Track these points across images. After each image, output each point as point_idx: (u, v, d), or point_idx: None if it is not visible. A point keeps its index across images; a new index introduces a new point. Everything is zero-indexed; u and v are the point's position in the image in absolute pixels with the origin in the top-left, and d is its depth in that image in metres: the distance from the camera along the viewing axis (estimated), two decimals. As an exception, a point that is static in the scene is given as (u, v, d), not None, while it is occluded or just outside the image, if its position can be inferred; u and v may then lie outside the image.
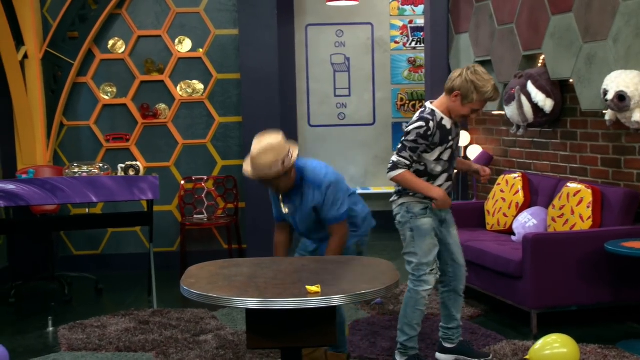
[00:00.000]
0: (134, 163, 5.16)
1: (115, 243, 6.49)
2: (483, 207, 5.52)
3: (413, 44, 7.99)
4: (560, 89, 5.08)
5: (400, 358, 3.77)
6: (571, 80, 4.85)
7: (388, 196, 7.83)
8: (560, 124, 5.20)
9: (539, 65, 5.25)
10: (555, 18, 4.93)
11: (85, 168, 5.19)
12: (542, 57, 5.18)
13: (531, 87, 5.03)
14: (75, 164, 5.26)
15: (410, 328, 3.73)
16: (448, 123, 3.69)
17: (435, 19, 6.36)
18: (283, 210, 3.61)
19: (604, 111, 4.44)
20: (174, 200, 6.46)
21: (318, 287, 2.80)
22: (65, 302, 5.46)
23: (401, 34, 7.99)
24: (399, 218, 3.77)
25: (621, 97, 4.13)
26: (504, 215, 5.26)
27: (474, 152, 6.19)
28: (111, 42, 6.37)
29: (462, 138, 6.10)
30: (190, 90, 6.44)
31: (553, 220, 4.76)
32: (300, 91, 7.95)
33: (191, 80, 6.44)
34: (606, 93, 4.23)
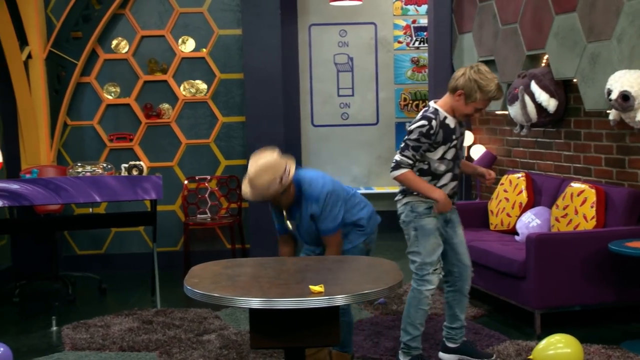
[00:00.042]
0: (138, 163, 5.17)
1: (118, 243, 6.50)
2: (486, 207, 5.52)
3: (416, 44, 7.98)
4: (563, 89, 5.07)
5: (403, 358, 3.77)
6: (575, 80, 4.84)
7: (391, 196, 7.85)
8: (563, 124, 5.19)
9: (543, 65, 5.24)
10: (559, 18, 4.93)
11: (88, 168, 5.19)
12: (546, 57, 5.17)
13: (535, 87, 5.03)
14: (78, 164, 5.27)
15: (413, 328, 3.73)
16: (452, 122, 3.68)
17: (438, 19, 6.35)
18: (288, 226, 3.63)
19: (608, 111, 4.43)
20: (178, 200, 6.47)
21: (321, 287, 2.80)
22: (68, 302, 5.47)
23: (404, 34, 7.98)
24: (403, 217, 3.76)
25: (625, 97, 4.12)
26: (508, 215, 5.25)
27: (478, 152, 6.18)
28: (115, 42, 6.38)
29: (466, 138, 6.09)
30: (193, 90, 6.45)
31: (557, 220, 4.75)
32: (303, 91, 7.95)
33: (194, 80, 6.45)
34: (610, 93, 4.22)
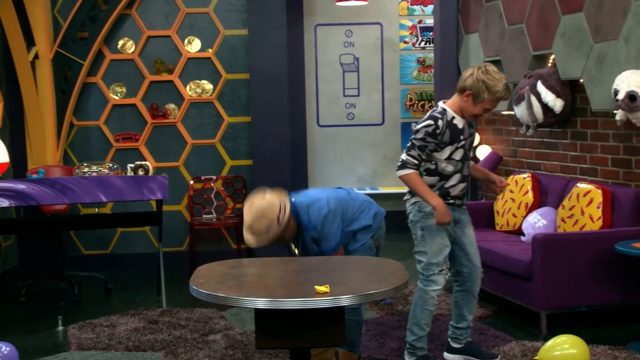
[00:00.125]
0: (144, 163, 5.18)
1: (124, 243, 6.52)
2: (492, 208, 5.50)
3: (422, 44, 7.97)
4: (570, 89, 5.05)
5: (409, 358, 3.76)
6: (581, 80, 4.83)
7: (397, 196, 7.88)
8: (570, 124, 5.18)
9: (549, 65, 5.23)
10: (565, 18, 4.91)
11: (94, 168, 5.20)
12: (552, 57, 5.15)
13: (541, 87, 5.01)
14: (85, 164, 5.28)
15: (419, 328, 3.73)
16: (460, 122, 3.67)
17: (444, 19, 6.34)
18: (295, 252, 3.66)
19: (615, 111, 4.42)
20: (183, 200, 6.48)
21: (327, 287, 2.80)
22: (74, 302, 5.49)
23: (410, 34, 7.97)
24: (411, 217, 3.75)
25: (632, 97, 4.11)
26: (513, 215, 5.24)
27: (483, 153, 6.17)
28: (121, 43, 6.39)
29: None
30: (199, 90, 6.46)
31: (563, 220, 4.74)
32: (309, 91, 7.94)
33: (200, 80, 6.46)
34: (617, 93, 4.21)
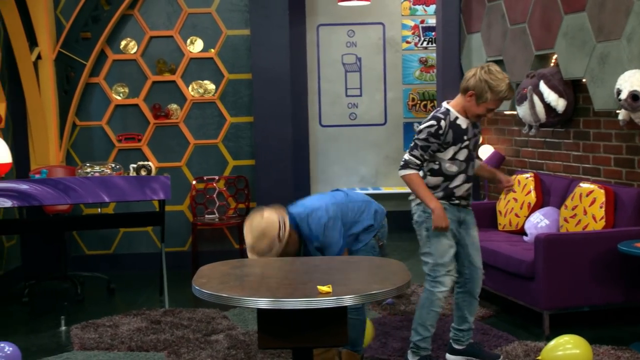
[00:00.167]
0: (146, 163, 5.18)
1: (127, 243, 6.52)
2: (495, 207, 5.50)
3: (424, 44, 7.97)
4: (572, 89, 5.05)
5: (412, 358, 3.76)
6: (584, 79, 4.82)
7: (399, 196, 7.89)
8: (572, 124, 5.17)
9: (552, 65, 5.23)
10: (568, 17, 4.91)
11: (97, 168, 5.21)
12: (555, 57, 5.15)
13: (543, 87, 5.01)
14: (87, 164, 5.28)
15: (424, 329, 3.72)
16: (463, 123, 3.67)
17: (446, 19, 6.34)
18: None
19: (618, 111, 4.41)
20: (186, 200, 6.48)
21: (329, 287, 2.80)
22: (77, 302, 5.49)
23: (413, 34, 7.97)
24: (416, 217, 3.75)
25: (635, 97, 4.10)
26: (516, 215, 5.23)
27: (486, 152, 6.16)
28: (123, 43, 6.40)
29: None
30: (201, 90, 6.46)
31: (565, 220, 4.73)
32: (311, 91, 7.94)
33: (203, 80, 6.46)
34: (619, 93, 4.20)
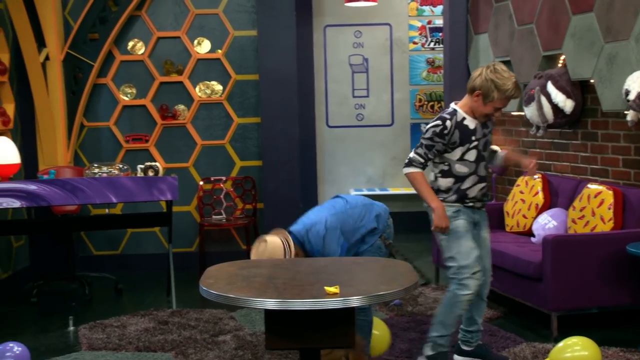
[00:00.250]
0: (153, 164, 5.19)
1: (134, 243, 6.54)
2: (502, 209, 5.48)
3: (432, 45, 7.96)
4: (580, 90, 5.03)
5: (428, 351, 3.74)
6: (592, 80, 4.81)
7: (406, 197, 7.88)
8: (580, 125, 5.16)
9: (559, 65, 5.21)
10: (575, 18, 4.89)
11: (105, 169, 5.22)
12: (562, 58, 5.13)
13: (551, 88, 4.99)
14: (95, 165, 5.29)
15: (442, 326, 3.71)
16: (471, 123, 3.66)
17: (454, 20, 6.33)
18: None
19: (626, 112, 4.39)
20: (193, 200, 6.49)
21: (336, 288, 2.80)
22: (85, 302, 5.51)
23: (420, 35, 7.96)
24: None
25: (643, 98, 4.09)
26: (524, 216, 5.22)
27: (493, 153, 6.14)
28: (131, 44, 6.42)
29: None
30: (209, 91, 6.47)
31: (573, 221, 4.72)
32: (318, 92, 7.94)
33: (210, 81, 6.47)
34: (628, 93, 4.18)
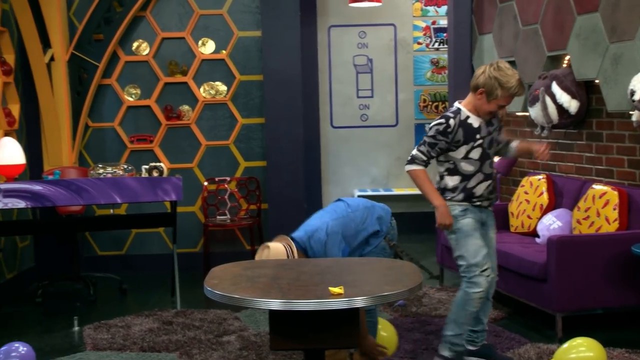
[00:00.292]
0: (158, 164, 5.20)
1: (139, 244, 6.55)
2: (507, 209, 5.47)
3: (436, 45, 7.95)
4: (585, 90, 5.02)
5: (444, 351, 3.75)
6: (597, 81, 4.80)
7: (410, 198, 7.87)
8: (585, 125, 5.15)
9: (564, 66, 5.20)
10: (580, 18, 4.88)
11: (109, 169, 5.23)
12: (567, 58, 5.12)
13: (556, 88, 4.98)
14: (99, 165, 5.30)
15: (456, 325, 3.72)
16: (475, 121, 3.66)
17: (458, 20, 6.32)
18: None
19: (631, 112, 4.38)
20: (197, 201, 6.50)
21: (341, 289, 2.80)
22: (90, 302, 5.52)
23: (424, 35, 7.95)
24: None
25: (648, 98, 4.08)
26: (528, 217, 5.21)
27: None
28: (135, 44, 6.43)
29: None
30: (213, 91, 6.48)
31: (578, 222, 4.71)
32: (322, 92, 7.95)
33: (214, 81, 6.48)
34: (633, 94, 4.18)
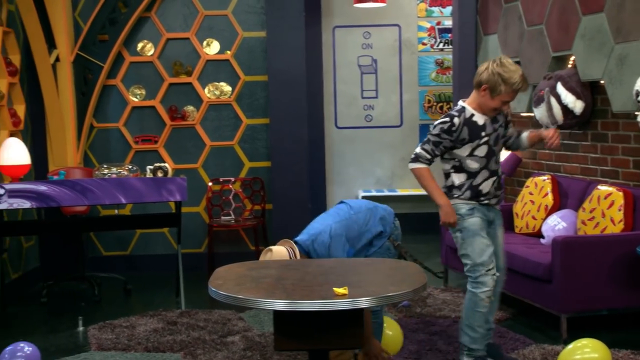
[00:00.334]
0: (163, 164, 5.21)
1: (143, 244, 6.56)
2: (511, 210, 5.46)
3: (441, 46, 7.95)
4: (590, 91, 5.01)
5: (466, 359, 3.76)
6: (602, 81, 4.79)
7: (415, 198, 7.87)
8: (590, 126, 5.13)
9: (569, 66, 5.19)
10: (586, 18, 4.87)
11: (114, 169, 5.24)
12: (572, 58, 5.11)
13: (561, 89, 4.98)
14: (104, 166, 5.32)
15: (471, 330, 3.72)
16: (480, 119, 3.66)
17: (463, 20, 6.31)
18: None
19: (636, 112, 4.37)
20: (202, 201, 6.50)
21: (345, 289, 2.80)
22: (94, 302, 5.53)
23: (429, 36, 7.95)
24: None
25: (654, 99, 4.07)
26: (533, 218, 5.20)
27: (502, 155, 6.12)
28: (140, 45, 6.44)
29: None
30: (218, 92, 6.48)
31: (583, 223, 4.70)
32: (327, 93, 7.95)
33: (219, 82, 6.48)
34: (638, 94, 4.16)
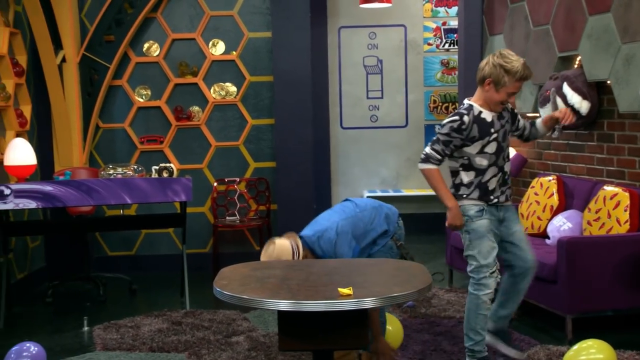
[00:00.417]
0: (168, 165, 5.21)
1: (148, 244, 6.57)
2: (517, 210, 5.45)
3: (446, 46, 7.94)
4: (596, 91, 4.99)
5: None
6: (608, 81, 4.77)
7: (420, 199, 7.86)
8: (596, 126, 5.12)
9: (575, 66, 5.18)
10: (592, 18, 4.86)
11: (119, 170, 5.25)
12: (578, 59, 5.10)
13: (567, 89, 4.96)
14: (110, 166, 5.33)
15: (475, 333, 3.71)
16: (488, 116, 3.64)
17: (469, 21, 6.31)
18: None
19: (642, 113, 4.36)
20: (207, 202, 6.51)
21: (350, 290, 2.80)
22: (100, 302, 5.54)
23: (434, 36, 7.94)
24: None
25: (660, 99, 4.05)
26: (538, 218, 5.19)
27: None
28: (146, 45, 6.45)
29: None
30: (223, 92, 6.49)
31: (589, 223, 4.68)
32: (332, 93, 7.95)
33: (224, 82, 6.49)
34: (644, 94, 4.15)
